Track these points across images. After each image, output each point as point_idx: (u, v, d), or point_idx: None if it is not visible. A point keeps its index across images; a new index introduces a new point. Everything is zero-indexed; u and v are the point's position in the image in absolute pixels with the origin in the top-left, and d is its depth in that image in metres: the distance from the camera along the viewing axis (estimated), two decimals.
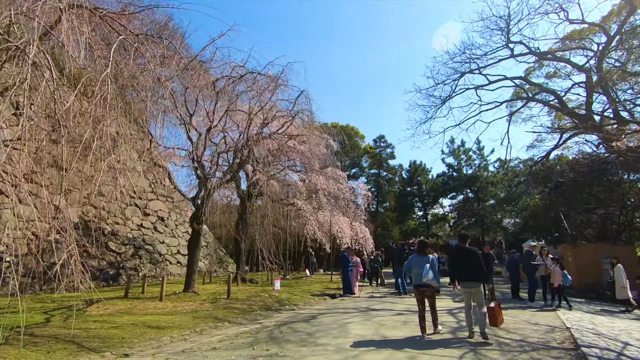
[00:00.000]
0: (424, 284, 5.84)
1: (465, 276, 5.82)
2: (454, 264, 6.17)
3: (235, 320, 7.36)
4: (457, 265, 6.03)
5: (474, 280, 5.76)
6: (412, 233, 32.74)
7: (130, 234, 19.38)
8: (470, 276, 5.77)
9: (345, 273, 12.63)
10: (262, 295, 10.99)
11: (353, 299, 11.75)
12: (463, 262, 5.92)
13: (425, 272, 5.79)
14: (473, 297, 5.77)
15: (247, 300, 9.79)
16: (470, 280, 5.77)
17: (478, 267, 5.75)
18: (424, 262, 5.98)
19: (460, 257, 6.02)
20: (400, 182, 37.89)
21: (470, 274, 5.78)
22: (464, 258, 5.93)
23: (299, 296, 11.50)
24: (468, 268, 5.80)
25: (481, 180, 28.53)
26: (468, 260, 5.85)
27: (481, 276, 5.77)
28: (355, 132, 44.40)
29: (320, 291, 13.45)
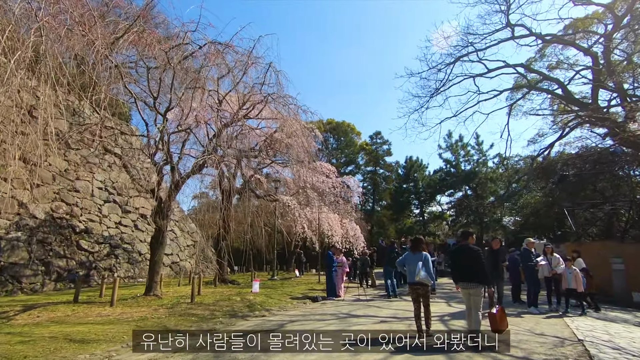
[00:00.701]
0: (417, 282, 5.67)
1: (464, 276, 5.47)
2: (453, 263, 5.85)
3: (186, 330, 6.20)
4: (455, 264, 5.70)
5: (472, 281, 5.35)
6: (408, 232, 31.54)
7: (106, 232, 18.21)
8: (468, 276, 5.40)
9: (329, 273, 11.48)
10: (234, 298, 9.85)
11: (336, 302, 10.62)
12: (461, 260, 5.55)
13: (418, 269, 5.64)
14: (471, 298, 5.37)
15: (213, 305, 8.64)
16: (467, 280, 5.39)
17: (477, 266, 5.36)
18: (417, 260, 5.79)
19: (459, 255, 5.64)
20: (396, 179, 36.73)
21: (468, 274, 5.41)
22: (463, 256, 5.55)
23: (275, 299, 10.37)
24: (466, 267, 5.44)
25: (480, 177, 27.32)
26: (466, 259, 5.46)
27: (480, 277, 5.33)
28: (352, 128, 43.27)
29: (302, 293, 12.32)
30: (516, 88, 18.17)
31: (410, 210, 35.32)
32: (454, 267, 5.76)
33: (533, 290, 8.84)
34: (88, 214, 17.80)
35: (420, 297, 5.71)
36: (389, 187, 36.84)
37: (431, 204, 34.74)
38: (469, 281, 5.36)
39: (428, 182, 32.57)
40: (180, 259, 23.21)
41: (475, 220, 27.73)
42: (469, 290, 5.37)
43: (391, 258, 11.44)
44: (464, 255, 5.52)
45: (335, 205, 17.66)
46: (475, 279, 5.32)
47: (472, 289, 5.35)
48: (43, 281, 13.78)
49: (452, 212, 32.04)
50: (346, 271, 12.34)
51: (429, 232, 33.24)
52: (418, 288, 5.73)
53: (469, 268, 5.40)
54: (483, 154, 28.63)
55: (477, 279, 5.32)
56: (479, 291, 5.33)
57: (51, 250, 14.53)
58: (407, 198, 33.65)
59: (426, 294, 5.74)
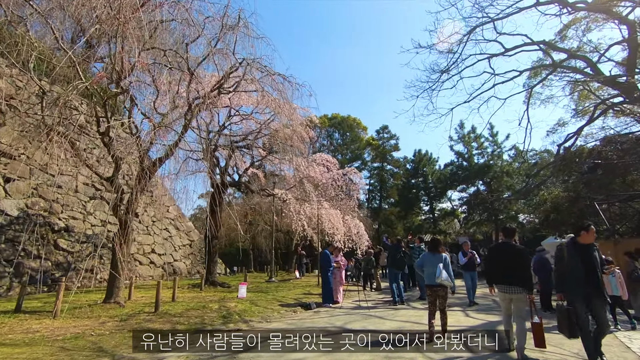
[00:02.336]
0: (438, 284, 5.52)
1: (505, 278, 4.83)
2: (492, 262, 5.28)
3: (124, 355, 4.73)
4: (495, 264, 5.08)
5: (515, 285, 4.72)
6: (417, 230, 29.72)
7: (90, 231, 16.95)
8: (510, 279, 4.76)
9: (324, 276, 9.92)
10: (211, 306, 8.37)
11: (332, 310, 9.05)
12: (503, 260, 4.90)
13: (439, 272, 5.49)
14: (513, 305, 4.83)
15: (179, 316, 7.16)
16: (510, 283, 4.76)
17: (522, 268, 4.76)
18: (437, 261, 5.66)
19: (500, 254, 5.00)
20: (404, 174, 34.85)
21: (510, 276, 4.76)
22: (505, 255, 4.91)
23: (261, 307, 8.85)
24: (510, 269, 4.77)
25: (495, 170, 25.37)
26: (509, 259, 4.82)
27: (524, 281, 4.69)
28: (357, 123, 41.59)
29: (296, 298, 10.80)
30: (539, 67, 16.32)
31: (419, 207, 33.37)
32: (492, 267, 5.21)
33: None
34: (70, 211, 16.55)
35: (439, 298, 5.58)
36: (397, 184, 34.99)
37: (441, 201, 32.77)
38: (512, 284, 4.71)
39: (438, 177, 30.55)
40: (174, 259, 21.90)
41: (489, 218, 25.81)
42: (511, 295, 4.73)
43: (397, 259, 9.84)
44: (507, 255, 4.85)
45: (336, 200, 16.07)
46: (520, 282, 4.66)
47: (514, 294, 4.70)
48: (10, 284, 12.51)
49: (464, 209, 30.14)
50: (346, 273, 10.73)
51: (440, 230, 31.33)
52: (438, 290, 5.58)
53: (512, 270, 4.72)
54: (498, 145, 26.61)
55: (521, 282, 4.65)
56: (523, 297, 4.67)
57: (23, 250, 13.31)
58: (416, 194, 31.71)
59: (445, 295, 5.62)
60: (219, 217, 15.69)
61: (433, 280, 5.56)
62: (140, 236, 20.06)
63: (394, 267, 10.00)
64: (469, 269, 9.89)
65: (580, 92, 21.18)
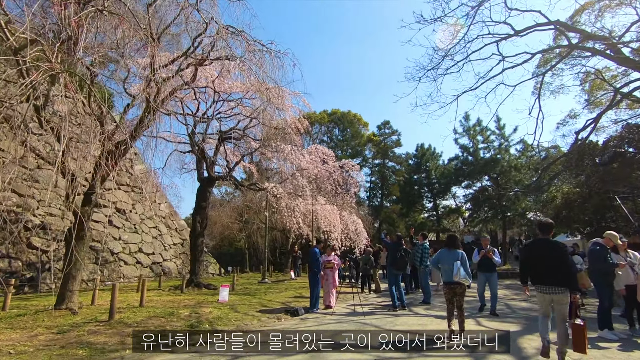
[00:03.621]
0: (455, 281, 5.45)
1: (545, 278, 4.45)
2: (529, 261, 4.79)
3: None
4: (532, 262, 4.68)
5: (556, 285, 4.36)
6: (420, 228, 28.47)
7: None
8: (552, 278, 4.40)
9: (312, 278, 8.75)
10: (181, 312, 7.23)
11: (322, 317, 7.88)
12: (544, 258, 4.47)
13: (456, 270, 5.42)
14: (553, 306, 4.46)
15: (138, 325, 6.02)
16: (550, 284, 4.40)
17: (564, 267, 4.34)
18: (453, 258, 5.61)
19: (541, 252, 4.54)
20: (405, 170, 33.54)
21: (552, 276, 4.40)
22: (546, 253, 4.46)
23: (241, 313, 7.70)
24: (551, 267, 4.40)
25: (502, 165, 24.04)
26: (552, 257, 4.38)
27: (569, 280, 4.33)
28: (358, 119, 40.41)
29: (284, 302, 9.65)
30: (554, 48, 15.05)
31: (422, 205, 32.02)
32: (528, 265, 4.79)
33: (607, 305, 5.95)
34: (48, 207, 15.48)
35: (456, 296, 5.54)
36: (398, 180, 33.70)
37: (445, 197, 31.41)
38: (553, 284, 4.37)
39: (442, 172, 29.16)
40: (163, 258, 20.79)
41: (496, 215, 24.49)
42: (552, 295, 4.39)
43: (397, 258, 8.65)
44: (547, 252, 4.46)
45: (333, 195, 14.90)
46: (562, 282, 4.33)
47: (555, 294, 4.36)
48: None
49: (469, 206, 28.81)
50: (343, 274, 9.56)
51: (443, 228, 30.05)
52: (456, 287, 5.54)
53: (554, 268, 4.37)
54: (505, 138, 25.26)
55: (564, 282, 4.32)
56: (565, 298, 4.34)
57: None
58: (418, 191, 30.32)
59: (463, 293, 5.58)
60: (207, 213, 14.58)
61: (450, 278, 5.53)
62: (127, 234, 18.97)
63: (394, 268, 8.81)
64: (485, 269, 8.11)
65: (593, 82, 19.96)
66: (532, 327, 6.50)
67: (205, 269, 25.04)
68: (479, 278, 8.46)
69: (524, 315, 8.10)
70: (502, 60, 14.88)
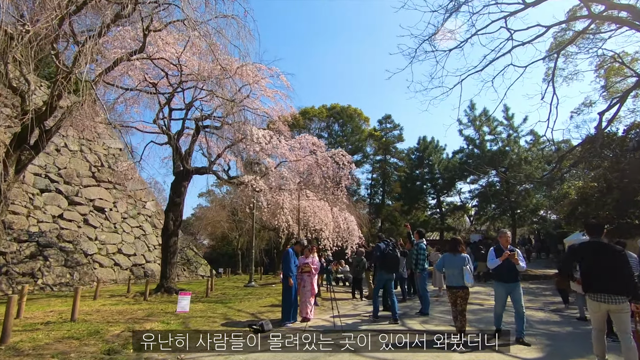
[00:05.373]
0: (459, 286, 5.52)
1: (602, 285, 3.88)
2: (583, 266, 4.18)
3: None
4: (585, 268, 4.13)
5: (615, 293, 3.79)
6: (423, 226, 26.76)
7: (35, 227, 14.55)
8: (610, 286, 3.84)
9: (285, 284, 7.23)
10: (111, 330, 5.78)
11: (291, 335, 6.32)
12: (599, 264, 3.97)
13: (467, 276, 5.46)
14: (613, 317, 3.90)
15: (30, 353, 4.54)
16: (608, 292, 3.83)
17: (623, 272, 3.82)
18: (459, 262, 5.59)
19: (594, 257, 3.98)
20: (407, 165, 31.77)
21: (610, 283, 3.84)
22: (601, 258, 3.95)
23: (192, 330, 6.20)
24: (607, 274, 3.86)
25: (511, 157, 22.24)
26: (605, 261, 3.94)
27: (629, 287, 3.80)
28: (358, 113, 38.78)
29: (254, 314, 8.18)
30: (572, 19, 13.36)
31: (425, 202, 30.20)
32: (586, 271, 4.12)
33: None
34: (11, 205, 14.16)
35: (458, 299, 5.56)
36: (399, 175, 31.98)
37: (450, 193, 29.55)
38: (613, 293, 3.80)
39: (446, 166, 27.27)
40: (146, 260, 19.41)
41: (505, 212, 22.72)
42: (609, 305, 3.83)
43: (386, 261, 7.14)
44: (602, 256, 3.92)
45: (322, 189, 13.37)
46: (621, 289, 3.79)
47: (615, 303, 3.79)
48: None
49: (475, 203, 27.07)
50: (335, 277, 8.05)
51: (448, 226, 28.25)
52: (458, 291, 5.57)
53: (610, 274, 3.83)
54: (514, 129, 23.44)
55: (623, 289, 3.79)
56: (625, 307, 3.80)
57: None
58: (421, 186, 28.44)
59: (465, 296, 5.57)
60: (181, 210, 13.14)
61: (453, 282, 5.60)
62: (104, 234, 17.63)
63: (384, 270, 7.31)
64: (507, 278, 5.53)
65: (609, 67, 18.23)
66: (562, 350, 5.02)
67: (194, 271, 23.74)
68: (497, 291, 5.71)
69: (544, 331, 6.52)
70: (511, 38, 13.20)
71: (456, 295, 5.57)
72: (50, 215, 15.52)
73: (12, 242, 13.18)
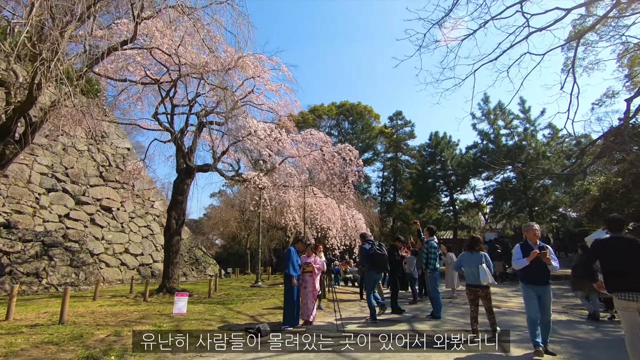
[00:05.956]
0: (477, 284, 5.45)
1: (632, 283, 3.60)
2: (606, 263, 3.84)
3: None
4: (610, 265, 3.80)
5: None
6: (435, 225, 25.93)
7: (41, 227, 14.48)
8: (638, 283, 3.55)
9: (287, 285, 6.78)
10: (97, 334, 5.44)
11: (288, 341, 5.85)
12: (624, 259, 3.66)
13: (483, 274, 5.35)
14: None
15: (5, 358, 4.21)
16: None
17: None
18: (476, 261, 5.56)
19: (618, 252, 3.74)
20: (419, 161, 30.89)
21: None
22: (625, 253, 3.67)
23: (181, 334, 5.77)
24: (636, 270, 3.59)
25: (528, 152, 21.20)
26: (635, 258, 3.60)
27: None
28: (368, 110, 38.10)
29: (255, 316, 7.74)
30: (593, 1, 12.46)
31: (437, 199, 29.26)
32: (605, 269, 3.86)
33: None
34: (16, 204, 14.12)
35: (479, 299, 5.55)
36: (411, 172, 31.14)
37: (463, 191, 28.55)
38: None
39: (459, 162, 26.28)
40: (154, 260, 19.27)
41: (522, 209, 21.73)
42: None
43: (375, 261, 6.74)
44: (627, 252, 3.65)
45: (329, 186, 12.86)
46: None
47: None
48: None
49: (490, 200, 26.06)
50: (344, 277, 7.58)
51: (461, 224, 27.28)
52: (478, 290, 5.53)
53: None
54: (531, 122, 22.36)
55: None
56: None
57: None
58: (433, 183, 27.51)
59: (487, 296, 5.49)
60: (184, 209, 12.82)
61: (472, 280, 5.57)
62: (111, 234, 17.54)
63: (373, 270, 7.01)
64: (536, 279, 4.73)
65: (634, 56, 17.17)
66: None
67: (202, 271, 23.53)
68: (527, 295, 4.78)
69: (570, 337, 5.87)
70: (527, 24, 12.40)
71: (476, 294, 5.55)
72: (56, 214, 15.47)
73: (17, 242, 13.11)
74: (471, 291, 5.63)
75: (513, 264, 4.87)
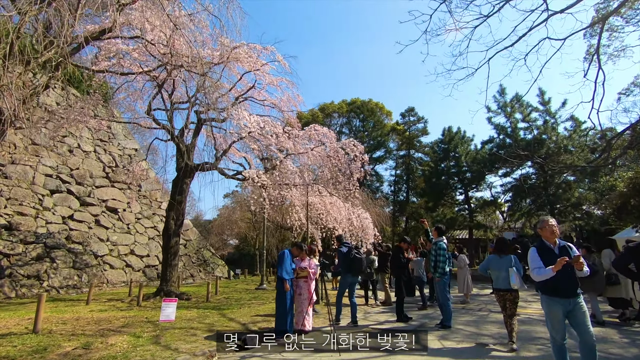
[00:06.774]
0: (507, 288, 5.26)
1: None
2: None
3: None
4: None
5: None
6: (450, 224, 24.83)
7: (43, 229, 14.33)
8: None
9: (280, 290, 6.18)
10: (64, 345, 4.96)
11: (273, 354, 5.26)
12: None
13: (514, 278, 5.09)
14: None
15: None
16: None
17: None
18: (505, 264, 5.32)
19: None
20: (431, 158, 29.82)
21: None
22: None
23: (161, 346, 5.26)
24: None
25: (548, 146, 19.89)
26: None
27: None
28: (380, 107, 37.21)
29: (246, 324, 7.15)
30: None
31: (451, 197, 28.10)
32: None
33: None
34: (18, 206, 14.01)
35: (507, 302, 5.36)
36: (424, 170, 30.11)
37: (479, 188, 27.26)
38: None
39: (474, 158, 25.04)
40: (160, 261, 19.03)
41: (542, 207, 20.47)
42: None
43: (352, 260, 6.11)
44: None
45: (333, 183, 12.21)
46: None
47: None
48: None
49: (508, 197, 24.79)
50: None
51: (477, 223, 26.07)
52: (506, 294, 5.36)
53: None
54: (551, 114, 20.99)
55: None
56: None
57: None
58: (446, 180, 26.33)
59: (514, 299, 5.35)
60: (183, 209, 12.41)
61: (500, 284, 5.38)
62: (117, 235, 17.34)
63: (352, 272, 7.12)
64: (563, 291, 3.53)
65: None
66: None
67: (210, 272, 23.20)
68: (549, 311, 3.60)
69: (602, 354, 5.02)
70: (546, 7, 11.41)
71: (504, 299, 5.40)
72: (59, 216, 15.33)
73: (18, 244, 12.97)
74: (500, 296, 5.46)
75: (533, 275, 3.65)
